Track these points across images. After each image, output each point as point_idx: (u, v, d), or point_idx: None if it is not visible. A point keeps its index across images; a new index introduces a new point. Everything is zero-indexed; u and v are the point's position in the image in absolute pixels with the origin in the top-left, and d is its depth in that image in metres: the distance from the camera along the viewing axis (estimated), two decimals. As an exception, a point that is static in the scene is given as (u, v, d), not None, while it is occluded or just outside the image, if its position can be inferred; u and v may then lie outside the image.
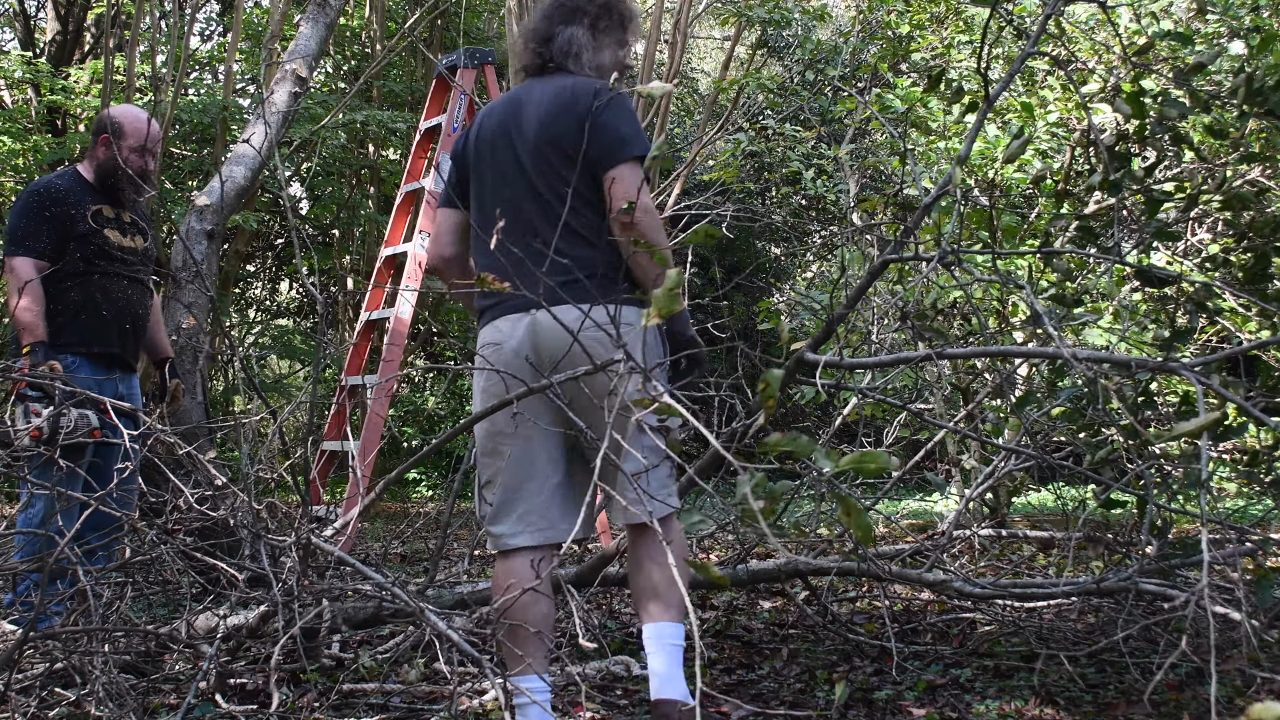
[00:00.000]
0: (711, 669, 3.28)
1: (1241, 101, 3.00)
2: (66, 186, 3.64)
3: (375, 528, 7.07)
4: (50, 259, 3.53)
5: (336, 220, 10.64)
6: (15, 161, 8.61)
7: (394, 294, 5.74)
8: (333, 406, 5.84)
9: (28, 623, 2.50)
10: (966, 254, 3.37)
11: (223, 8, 12.32)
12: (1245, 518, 4.96)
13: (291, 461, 3.47)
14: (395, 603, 2.82)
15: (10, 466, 3.25)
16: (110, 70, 8.25)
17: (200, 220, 4.88)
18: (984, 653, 3.32)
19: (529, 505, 2.53)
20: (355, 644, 3.48)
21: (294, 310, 12.22)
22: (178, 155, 9.58)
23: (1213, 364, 3.07)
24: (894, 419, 5.10)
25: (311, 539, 2.73)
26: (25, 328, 3.46)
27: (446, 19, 10.43)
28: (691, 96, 13.72)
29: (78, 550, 2.90)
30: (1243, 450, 4.46)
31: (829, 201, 10.44)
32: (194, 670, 2.92)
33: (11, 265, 3.51)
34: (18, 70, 8.92)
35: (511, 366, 2.49)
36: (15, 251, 3.52)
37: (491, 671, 2.16)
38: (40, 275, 3.50)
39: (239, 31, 9.26)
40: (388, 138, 10.02)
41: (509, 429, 2.50)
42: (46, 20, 11.41)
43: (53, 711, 2.68)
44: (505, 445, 2.53)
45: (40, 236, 3.53)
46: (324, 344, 3.38)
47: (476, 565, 5.12)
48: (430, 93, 6.13)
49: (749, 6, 7.13)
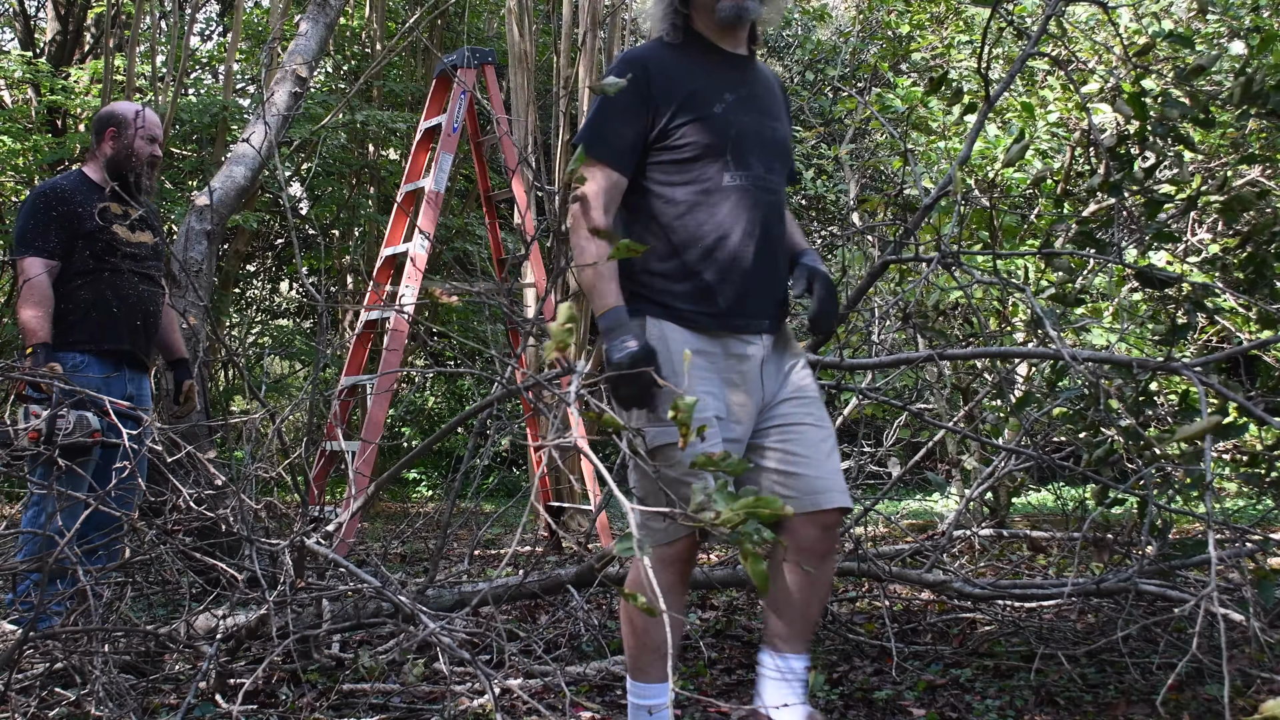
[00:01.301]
0: (711, 669, 3.28)
1: (1239, 102, 3.00)
2: (72, 186, 3.64)
3: (375, 528, 7.08)
4: (59, 258, 3.53)
5: (336, 220, 10.64)
6: (15, 161, 8.61)
7: (394, 294, 5.74)
8: (332, 406, 5.84)
9: (28, 623, 2.50)
10: (967, 254, 3.37)
11: (223, 8, 12.32)
12: (1245, 517, 4.96)
13: (291, 461, 3.47)
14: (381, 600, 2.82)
15: (10, 466, 3.25)
16: (110, 70, 8.26)
17: (200, 220, 4.88)
18: (984, 653, 3.32)
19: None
20: (355, 644, 3.48)
21: (294, 310, 12.23)
22: (178, 155, 9.58)
23: (1213, 364, 3.08)
24: (894, 419, 5.10)
25: (305, 542, 2.73)
26: (29, 330, 3.46)
27: (447, 19, 10.43)
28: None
29: (78, 550, 2.90)
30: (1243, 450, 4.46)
31: (829, 201, 10.44)
32: (194, 670, 2.92)
33: (22, 265, 3.52)
34: (18, 70, 8.92)
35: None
36: (25, 252, 3.53)
37: (482, 672, 2.16)
38: (49, 275, 3.50)
39: (239, 31, 9.26)
40: (388, 138, 10.02)
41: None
42: (46, 20, 11.41)
43: (53, 711, 2.68)
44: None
45: (49, 236, 3.53)
46: (324, 344, 3.38)
47: (476, 565, 5.12)
48: (430, 92, 6.14)
49: (749, 6, 7.12)
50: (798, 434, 2.31)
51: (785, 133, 2.49)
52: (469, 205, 10.64)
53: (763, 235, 2.33)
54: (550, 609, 3.82)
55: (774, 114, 2.43)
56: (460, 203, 10.78)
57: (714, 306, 2.29)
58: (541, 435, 6.16)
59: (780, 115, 2.46)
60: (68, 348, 3.54)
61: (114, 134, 3.69)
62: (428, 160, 5.96)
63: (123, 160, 3.68)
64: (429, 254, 5.69)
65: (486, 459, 5.55)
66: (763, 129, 2.37)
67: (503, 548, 6.24)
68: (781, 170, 2.43)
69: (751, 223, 2.31)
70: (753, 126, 2.35)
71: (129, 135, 3.68)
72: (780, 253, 2.41)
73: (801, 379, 2.38)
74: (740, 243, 2.30)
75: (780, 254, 2.41)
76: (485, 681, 2.12)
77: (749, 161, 2.33)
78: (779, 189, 2.40)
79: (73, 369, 3.50)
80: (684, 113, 2.29)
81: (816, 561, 2.25)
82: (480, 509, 6.94)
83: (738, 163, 2.32)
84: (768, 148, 2.37)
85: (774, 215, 2.38)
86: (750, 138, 2.34)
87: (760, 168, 2.35)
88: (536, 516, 6.16)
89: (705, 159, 2.30)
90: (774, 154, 2.39)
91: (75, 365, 3.52)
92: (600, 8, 7.30)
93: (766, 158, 2.36)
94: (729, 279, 2.30)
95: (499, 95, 6.04)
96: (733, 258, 2.30)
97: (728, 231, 2.30)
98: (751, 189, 2.33)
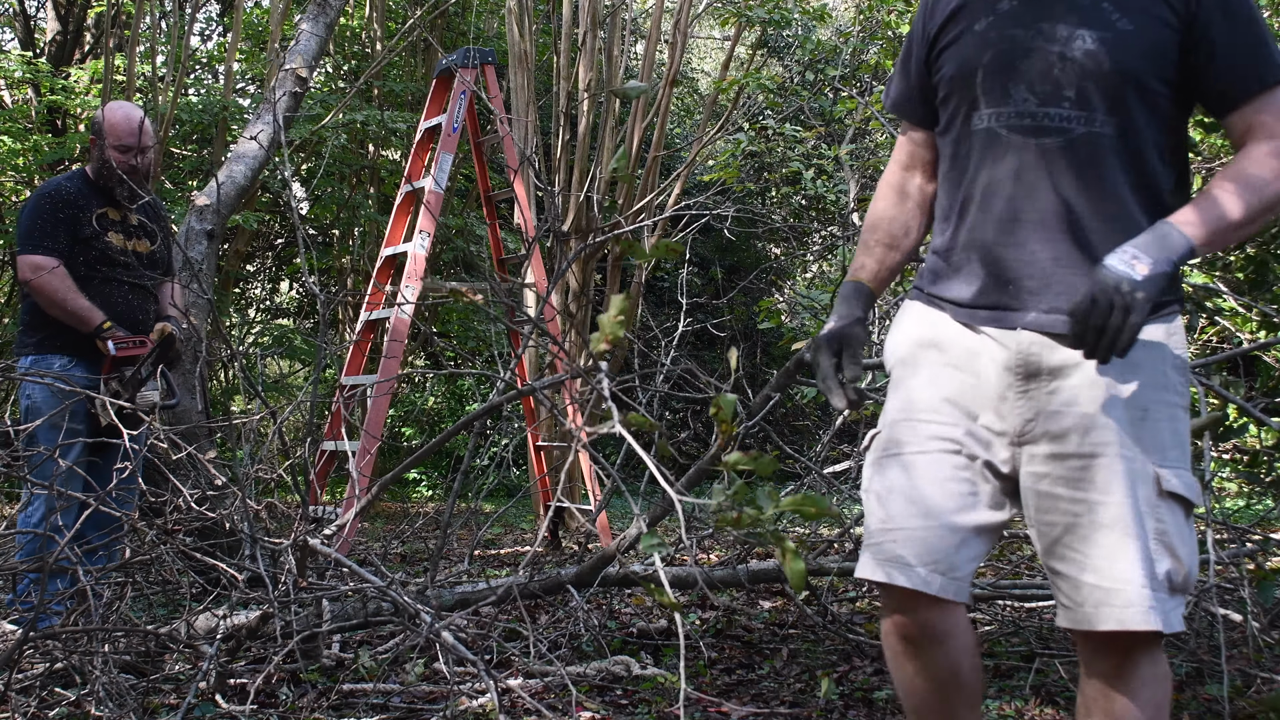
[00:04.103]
0: (711, 669, 3.28)
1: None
2: (76, 189, 3.64)
3: (375, 527, 7.07)
4: (65, 259, 3.53)
5: (336, 220, 10.63)
6: (15, 161, 8.60)
7: (394, 294, 5.74)
8: (333, 406, 5.84)
9: (28, 623, 2.50)
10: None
11: (223, 8, 12.32)
12: (1245, 517, 4.96)
13: (291, 461, 3.47)
14: (383, 599, 2.82)
15: (10, 466, 3.25)
16: (110, 70, 8.25)
17: (200, 220, 4.88)
18: (984, 653, 3.32)
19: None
20: (355, 644, 3.48)
21: (294, 310, 12.22)
22: (178, 155, 9.58)
23: (1213, 364, 3.08)
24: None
25: (309, 541, 2.73)
26: (84, 314, 3.50)
27: (447, 19, 10.43)
28: (691, 96, 13.72)
29: (78, 550, 2.90)
30: (1243, 450, 4.45)
31: (829, 201, 10.44)
32: (194, 670, 2.92)
33: (34, 262, 3.49)
34: (18, 70, 8.91)
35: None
36: (35, 250, 3.51)
37: (485, 672, 2.16)
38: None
39: (239, 31, 9.25)
40: (388, 138, 10.02)
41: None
42: (46, 20, 11.40)
43: (53, 711, 2.68)
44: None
45: (58, 236, 3.53)
46: (324, 344, 3.38)
47: (477, 565, 5.12)
48: (430, 92, 6.14)
49: (749, 6, 7.13)
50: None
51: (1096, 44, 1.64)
52: (469, 205, 10.64)
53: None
54: (550, 609, 3.83)
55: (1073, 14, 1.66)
56: (460, 203, 10.78)
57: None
58: (541, 435, 6.16)
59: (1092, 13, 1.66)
60: (55, 350, 3.54)
61: (94, 142, 3.69)
62: (428, 160, 5.96)
63: (101, 170, 3.65)
64: (429, 254, 5.69)
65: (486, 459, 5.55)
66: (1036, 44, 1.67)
67: (503, 547, 6.24)
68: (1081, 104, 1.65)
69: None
70: (1026, 41, 1.68)
71: (104, 146, 3.63)
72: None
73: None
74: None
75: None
76: (488, 681, 2.12)
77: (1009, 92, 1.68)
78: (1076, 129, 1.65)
79: (60, 370, 3.51)
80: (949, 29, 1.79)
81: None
82: (480, 509, 6.94)
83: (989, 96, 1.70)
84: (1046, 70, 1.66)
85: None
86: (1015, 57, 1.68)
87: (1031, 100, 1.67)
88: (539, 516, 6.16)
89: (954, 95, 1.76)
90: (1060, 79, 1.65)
91: (63, 366, 3.52)
92: (600, 8, 7.30)
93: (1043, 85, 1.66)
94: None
95: (499, 95, 6.04)
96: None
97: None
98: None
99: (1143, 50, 1.63)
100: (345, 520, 3.46)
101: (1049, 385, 1.63)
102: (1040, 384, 1.64)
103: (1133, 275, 1.51)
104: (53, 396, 3.42)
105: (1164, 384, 1.64)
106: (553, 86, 7.66)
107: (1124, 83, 1.63)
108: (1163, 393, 1.64)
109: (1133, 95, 1.64)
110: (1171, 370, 1.66)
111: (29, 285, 3.52)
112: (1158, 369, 1.64)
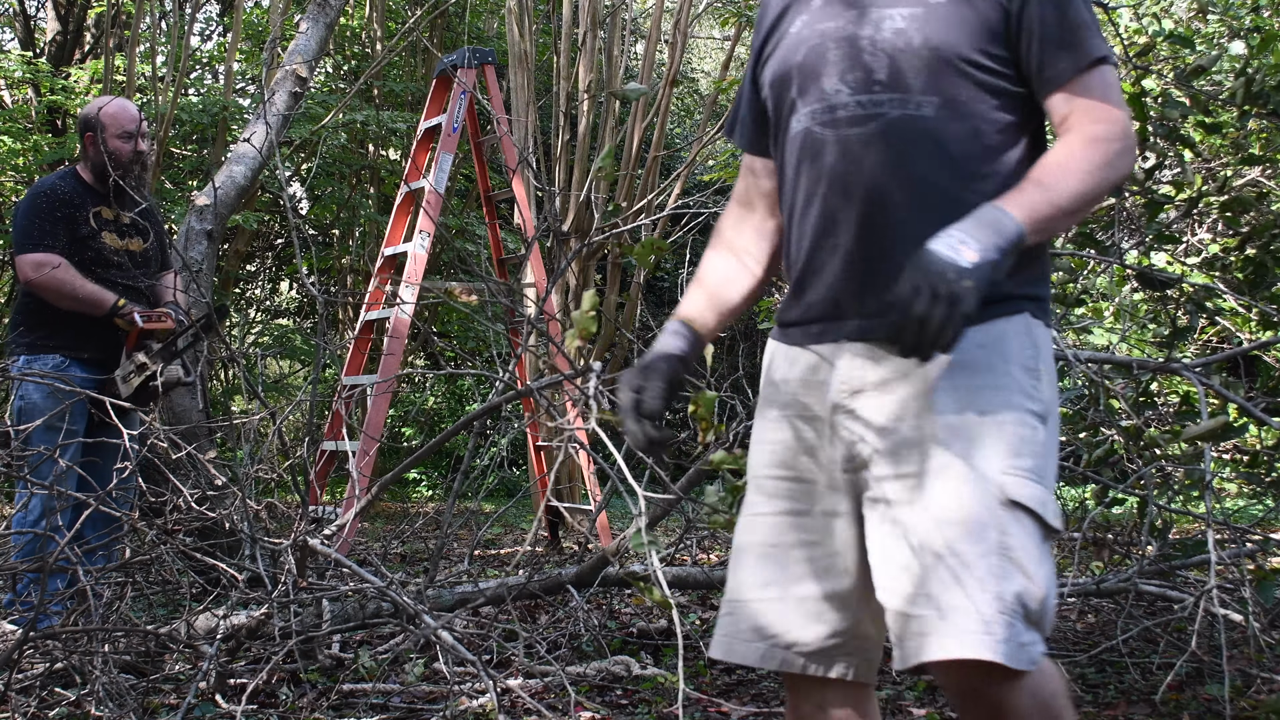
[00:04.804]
0: (711, 669, 3.28)
1: (1241, 103, 3.00)
2: (70, 188, 3.62)
3: (375, 527, 7.07)
4: (65, 257, 3.52)
5: (336, 220, 10.63)
6: (15, 161, 8.60)
7: (393, 294, 5.74)
8: (333, 406, 5.84)
9: (28, 623, 2.49)
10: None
11: (223, 8, 12.32)
12: (1245, 517, 4.96)
13: (291, 462, 3.47)
14: (383, 600, 2.82)
15: (9, 467, 3.25)
16: (110, 70, 8.25)
17: (200, 220, 4.88)
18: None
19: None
20: (355, 644, 3.48)
21: (294, 310, 12.22)
22: (178, 155, 9.58)
23: (1213, 364, 3.08)
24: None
25: (309, 541, 2.73)
26: (97, 299, 3.50)
27: (447, 19, 10.43)
28: (691, 96, 13.72)
29: (77, 550, 2.90)
30: (1243, 450, 4.45)
31: (829, 202, 10.41)
32: (194, 670, 2.92)
33: (37, 260, 3.48)
34: (18, 70, 8.91)
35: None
36: (35, 248, 3.49)
37: (485, 672, 2.16)
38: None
39: (239, 31, 9.25)
40: (388, 138, 10.02)
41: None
42: (46, 20, 11.40)
43: (53, 711, 2.68)
44: None
45: (58, 235, 3.52)
46: (324, 344, 3.37)
47: (476, 565, 5.12)
48: (430, 92, 6.14)
49: (749, 6, 7.13)
50: None
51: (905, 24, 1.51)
52: (469, 205, 10.64)
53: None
54: (550, 609, 3.82)
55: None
56: (460, 203, 10.78)
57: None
58: (541, 435, 6.16)
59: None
60: (50, 350, 3.53)
61: (91, 138, 3.65)
62: (428, 160, 5.96)
63: (104, 164, 3.61)
64: (429, 254, 5.69)
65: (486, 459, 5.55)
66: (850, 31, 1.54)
67: (503, 547, 6.24)
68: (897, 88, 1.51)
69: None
70: (836, 32, 1.55)
71: (105, 138, 3.61)
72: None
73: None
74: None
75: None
76: (487, 681, 2.12)
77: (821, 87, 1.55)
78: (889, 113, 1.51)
79: (55, 369, 3.50)
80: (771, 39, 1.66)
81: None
82: (480, 509, 6.94)
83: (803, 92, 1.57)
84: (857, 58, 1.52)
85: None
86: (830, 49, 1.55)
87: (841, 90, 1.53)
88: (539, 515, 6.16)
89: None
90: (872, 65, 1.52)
91: (57, 365, 3.52)
92: (600, 8, 7.30)
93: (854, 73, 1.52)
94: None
95: (499, 95, 6.04)
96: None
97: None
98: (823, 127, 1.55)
99: (956, 22, 1.49)
100: (345, 520, 3.46)
101: (875, 400, 1.47)
102: (867, 399, 1.48)
103: (959, 262, 1.33)
104: (49, 396, 3.42)
105: (1007, 385, 1.45)
106: (553, 87, 7.66)
107: (936, 57, 1.48)
108: (1007, 394, 1.44)
109: (950, 71, 1.48)
110: (1019, 371, 1.46)
111: (33, 283, 3.50)
112: (998, 369, 1.45)
